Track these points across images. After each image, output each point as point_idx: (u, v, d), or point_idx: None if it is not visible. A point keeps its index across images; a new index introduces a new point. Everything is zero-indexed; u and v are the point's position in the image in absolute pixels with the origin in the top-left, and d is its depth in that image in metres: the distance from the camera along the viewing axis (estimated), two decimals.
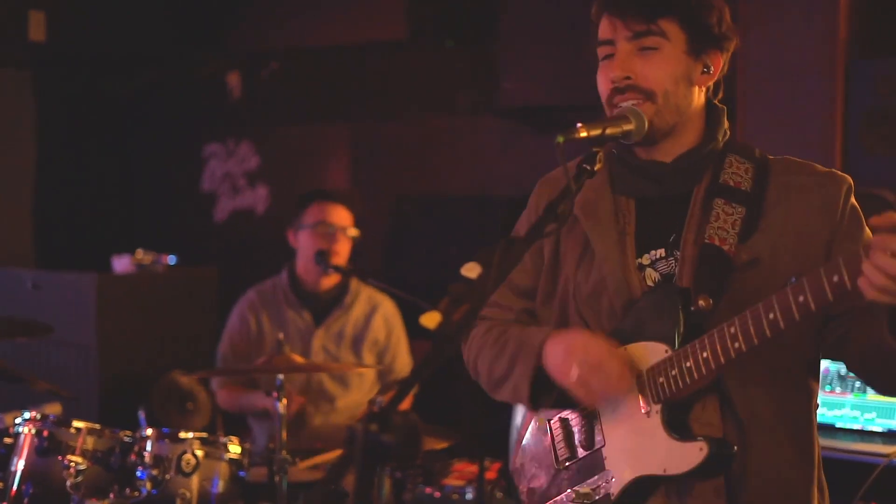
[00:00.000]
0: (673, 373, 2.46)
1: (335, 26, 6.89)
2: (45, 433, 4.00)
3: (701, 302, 2.48)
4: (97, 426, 4.08)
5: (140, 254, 6.39)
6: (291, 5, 7.04)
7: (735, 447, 2.47)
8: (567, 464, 2.71)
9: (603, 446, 2.62)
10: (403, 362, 5.49)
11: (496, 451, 4.96)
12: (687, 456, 2.46)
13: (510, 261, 2.27)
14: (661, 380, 2.49)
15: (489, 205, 6.52)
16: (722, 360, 2.38)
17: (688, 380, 2.44)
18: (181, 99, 7.59)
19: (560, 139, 2.40)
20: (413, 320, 5.31)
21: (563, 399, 2.63)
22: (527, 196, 3.03)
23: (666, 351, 2.50)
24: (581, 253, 2.71)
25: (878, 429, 4.69)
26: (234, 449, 4.13)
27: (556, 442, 2.75)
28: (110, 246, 6.65)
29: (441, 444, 4.84)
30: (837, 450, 4.15)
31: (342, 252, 5.31)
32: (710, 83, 2.67)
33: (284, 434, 4.17)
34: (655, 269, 2.62)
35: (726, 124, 2.71)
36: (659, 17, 2.55)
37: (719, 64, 2.65)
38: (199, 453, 4.04)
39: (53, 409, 4.76)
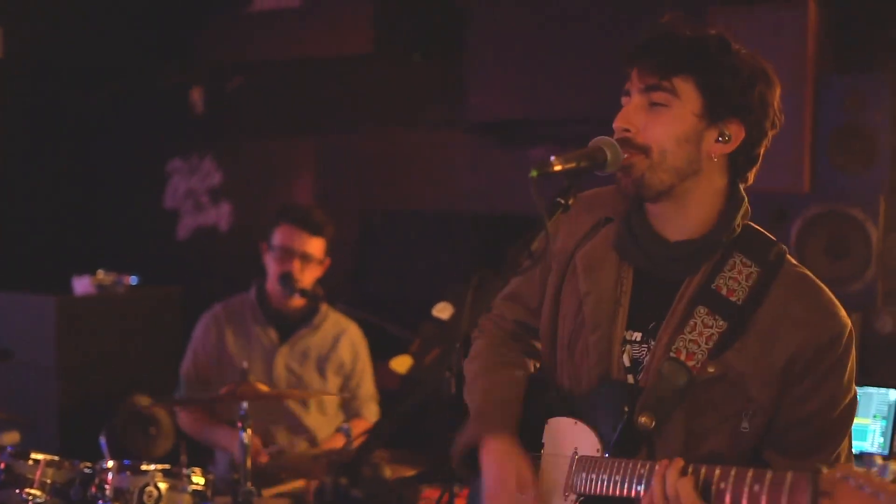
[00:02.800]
0: (593, 475, 2.47)
1: (300, 40, 6.84)
2: (3, 465, 3.94)
3: (643, 419, 2.44)
4: (56, 458, 4.01)
5: (101, 274, 6.30)
6: (255, 18, 6.98)
7: None
8: None
9: None
10: (367, 390, 5.45)
11: (465, 477, 4.91)
12: None
13: (483, 300, 2.20)
14: (583, 474, 2.50)
15: (457, 220, 6.48)
16: (631, 492, 2.37)
17: (608, 491, 2.43)
18: (143, 114, 7.51)
19: (534, 173, 2.34)
20: (381, 343, 5.27)
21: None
22: (495, 211, 3.00)
23: (598, 450, 2.50)
24: (577, 309, 2.66)
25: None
26: (198, 480, 4.05)
27: None
28: (70, 266, 6.56)
29: (410, 471, 4.79)
30: None
31: (306, 279, 5.24)
32: (726, 153, 2.53)
33: (249, 464, 4.11)
34: (632, 350, 2.57)
35: (740, 218, 2.57)
36: (673, 75, 2.46)
37: (740, 135, 2.52)
38: (162, 486, 3.96)
39: (11, 437, 4.69)
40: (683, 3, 5.46)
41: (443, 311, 2.02)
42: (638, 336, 2.56)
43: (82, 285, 6.31)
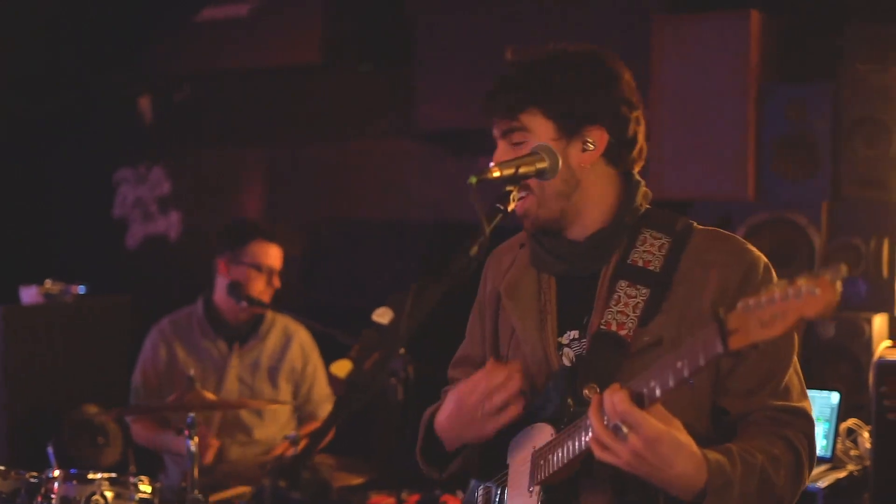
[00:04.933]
0: (549, 456, 2.49)
1: (249, 49, 6.83)
2: None
3: (586, 391, 2.48)
4: (1, 467, 3.98)
5: (48, 283, 6.25)
6: (205, 28, 6.96)
7: None
8: None
9: None
10: (321, 391, 5.43)
11: (413, 484, 4.93)
12: None
13: (422, 306, 2.23)
14: (541, 462, 2.52)
15: (407, 229, 6.50)
16: (581, 446, 2.38)
17: (559, 464, 2.45)
18: (91, 123, 7.47)
19: (473, 180, 2.39)
20: (329, 350, 5.27)
21: (487, 468, 2.69)
22: (445, 219, 3.03)
23: (551, 434, 2.52)
24: (511, 334, 2.72)
25: None
26: (145, 489, 4.04)
27: None
28: (17, 275, 6.50)
29: (357, 479, 4.81)
30: None
31: (272, 292, 5.29)
32: (597, 156, 2.60)
33: (196, 472, 4.10)
34: (572, 349, 2.61)
35: (640, 199, 2.65)
36: (519, 112, 2.58)
37: (603, 136, 2.59)
38: (109, 494, 3.94)
39: None
40: (627, 13, 5.55)
41: (383, 315, 2.04)
42: (576, 334, 2.61)
43: (29, 294, 6.25)
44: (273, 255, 5.30)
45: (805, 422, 2.51)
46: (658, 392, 2.22)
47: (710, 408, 2.53)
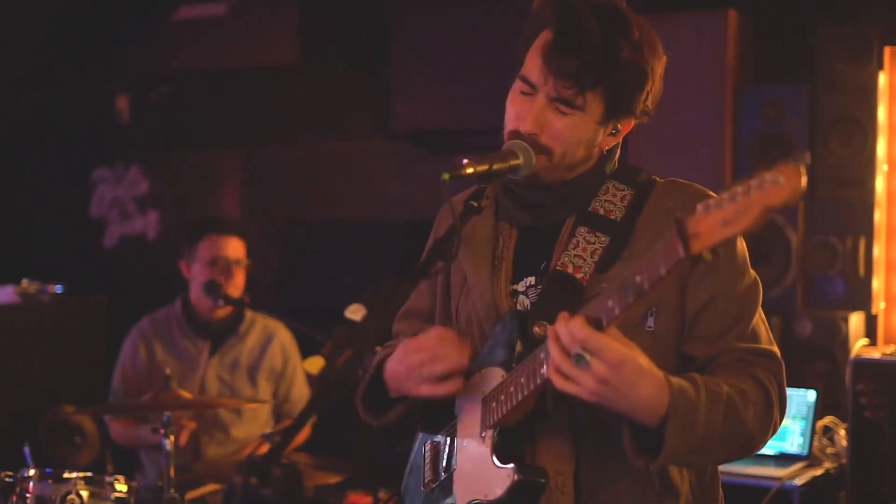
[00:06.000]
0: (502, 397, 2.43)
1: (226, 49, 6.81)
2: None
3: (537, 328, 2.44)
4: None
5: (25, 283, 6.22)
6: (182, 27, 6.94)
7: (544, 478, 2.42)
8: (432, 486, 2.70)
9: (454, 470, 2.60)
10: (300, 391, 5.43)
11: (390, 482, 4.93)
12: (500, 481, 2.43)
13: (396, 302, 2.23)
14: (493, 404, 2.46)
15: (384, 229, 6.50)
16: (537, 380, 2.31)
17: (513, 402, 2.39)
18: (68, 122, 7.45)
19: (446, 176, 2.37)
20: (307, 350, 5.27)
21: (431, 418, 2.64)
22: (422, 219, 3.00)
23: (502, 376, 2.46)
24: (462, 283, 2.68)
25: (771, 451, 4.74)
26: (121, 487, 4.02)
27: (426, 464, 2.74)
28: None
29: (334, 478, 4.80)
30: (730, 473, 4.16)
31: (238, 284, 5.26)
32: (614, 143, 2.61)
33: (172, 471, 4.10)
34: (527, 296, 2.57)
35: (616, 156, 2.66)
36: (587, 90, 2.47)
37: (629, 128, 2.60)
38: (84, 493, 3.93)
39: None
40: None
41: (355, 312, 2.04)
42: (532, 280, 2.57)
43: (6, 294, 6.22)
44: (229, 247, 5.25)
45: (774, 363, 2.46)
46: (617, 310, 2.15)
47: (676, 357, 2.48)
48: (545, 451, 2.46)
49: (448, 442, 2.65)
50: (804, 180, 1.87)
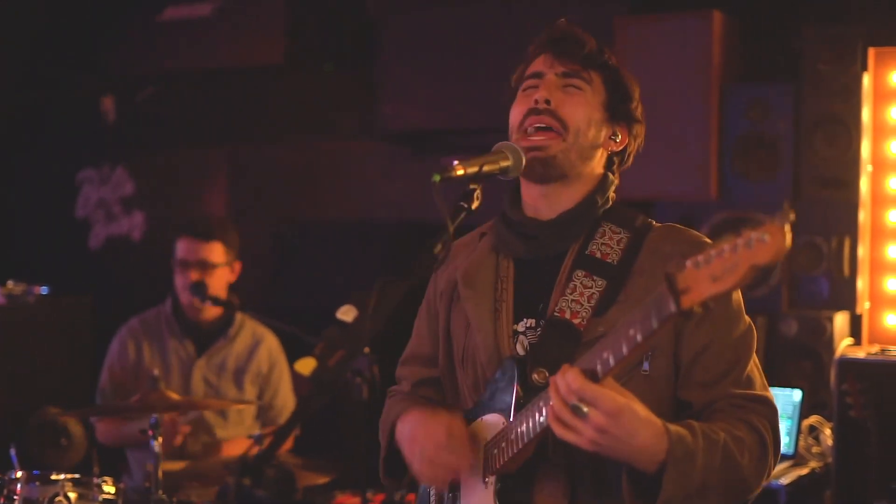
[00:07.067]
0: (503, 444, 2.48)
1: (213, 49, 6.81)
2: None
3: (535, 376, 2.49)
4: None
5: (10, 284, 6.21)
6: (168, 28, 6.93)
7: None
8: None
9: None
10: (284, 398, 5.42)
11: (379, 484, 4.93)
12: None
13: (386, 304, 2.23)
14: (495, 451, 2.51)
15: (370, 229, 6.51)
16: (537, 429, 2.37)
17: (514, 449, 2.44)
18: (54, 123, 7.42)
19: (436, 178, 2.39)
20: (295, 350, 5.27)
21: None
22: (409, 219, 3.02)
23: (502, 423, 2.51)
24: (466, 326, 2.71)
25: None
26: (109, 489, 4.02)
27: None
28: None
29: (322, 479, 4.79)
30: None
31: (214, 285, 5.22)
32: (613, 150, 2.71)
33: (160, 473, 4.10)
34: (527, 338, 2.61)
35: (611, 193, 2.71)
36: (590, 68, 2.65)
37: (625, 139, 2.71)
38: (72, 495, 3.92)
39: None
40: (590, 13, 5.57)
41: (347, 313, 2.04)
42: (532, 322, 2.61)
43: None
44: (201, 251, 5.23)
45: (768, 409, 2.51)
46: (612, 362, 2.20)
47: (671, 402, 2.53)
48: (540, 492, 2.51)
49: (451, 488, 2.69)
50: (789, 238, 1.92)
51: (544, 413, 2.32)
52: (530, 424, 2.38)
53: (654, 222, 2.68)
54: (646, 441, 2.28)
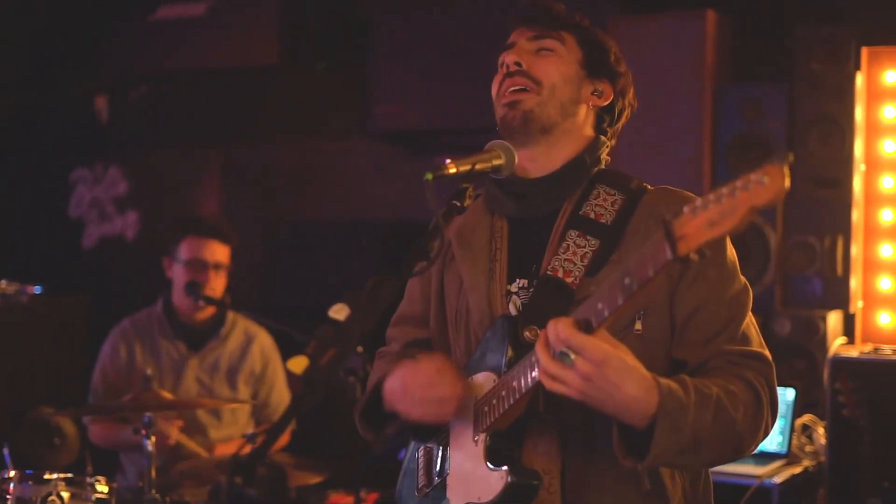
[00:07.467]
0: (494, 401, 2.47)
1: (206, 49, 6.80)
2: None
3: (527, 333, 2.48)
4: None
5: (3, 284, 6.16)
6: (161, 28, 6.93)
7: (538, 480, 2.45)
8: (426, 490, 2.72)
9: (448, 475, 2.63)
10: (280, 396, 5.41)
11: (372, 482, 4.94)
12: (494, 483, 2.46)
13: (378, 302, 2.23)
14: (485, 409, 2.50)
15: (364, 228, 6.51)
16: (528, 384, 2.35)
17: (504, 406, 2.43)
18: (47, 122, 7.42)
19: (429, 176, 2.40)
20: (288, 351, 5.26)
21: (426, 428, 2.66)
22: (402, 219, 3.02)
23: (493, 381, 2.50)
24: (459, 286, 2.71)
25: None
26: (102, 489, 4.02)
27: (419, 469, 2.77)
28: None
29: (316, 479, 4.79)
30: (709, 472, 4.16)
31: (217, 287, 5.23)
32: (599, 106, 2.71)
33: (153, 472, 4.09)
34: (520, 298, 2.60)
35: (604, 154, 2.71)
36: (561, 28, 2.67)
37: (609, 94, 2.71)
38: (65, 495, 3.92)
39: None
40: (584, 11, 5.56)
41: (339, 312, 2.05)
42: (524, 283, 2.61)
43: None
44: (210, 250, 5.22)
45: (765, 365, 2.48)
46: (606, 312, 2.18)
47: (666, 362, 2.51)
48: (532, 449, 2.49)
49: (441, 447, 2.68)
50: (788, 180, 1.90)
51: (535, 369, 2.31)
52: (521, 381, 2.37)
53: (648, 186, 2.67)
54: (635, 392, 2.25)
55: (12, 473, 3.94)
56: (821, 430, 4.80)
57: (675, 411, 2.28)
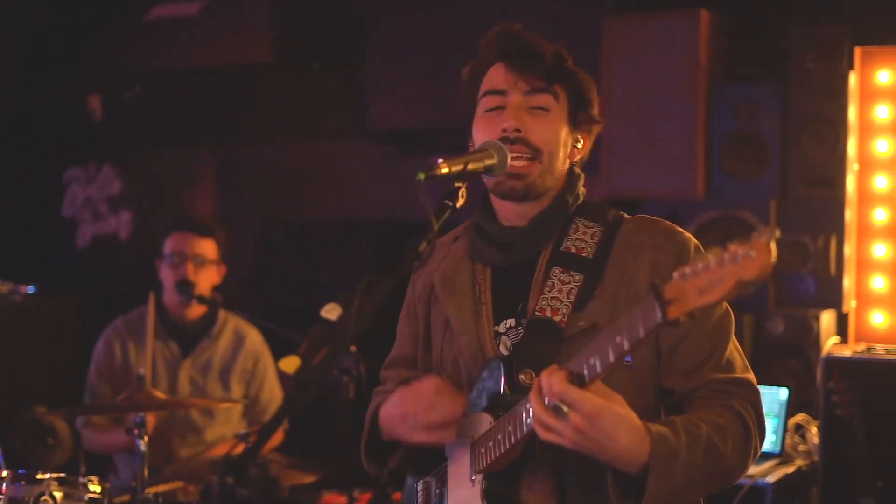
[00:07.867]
0: (490, 443, 2.50)
1: (200, 48, 6.79)
2: None
3: (522, 377, 2.51)
4: None
5: None
6: (153, 27, 6.92)
7: None
8: None
9: None
10: (270, 393, 5.41)
11: (365, 482, 4.93)
12: None
13: (371, 302, 2.23)
14: (482, 450, 2.53)
15: (359, 228, 6.50)
16: (524, 429, 2.38)
17: (501, 449, 2.46)
18: (40, 122, 7.41)
19: (421, 176, 2.40)
20: (281, 350, 5.25)
21: (423, 461, 2.70)
22: (397, 219, 3.02)
23: (490, 422, 2.53)
24: (444, 327, 2.73)
25: None
26: (94, 488, 4.00)
27: None
28: None
29: (309, 478, 4.79)
30: None
31: (202, 283, 5.22)
32: (577, 158, 2.71)
33: (146, 472, 4.09)
34: (509, 338, 2.62)
35: (581, 189, 2.72)
36: (556, 82, 2.63)
37: (587, 143, 2.73)
38: (58, 495, 3.89)
39: None
40: (578, 13, 5.58)
41: (331, 311, 2.04)
42: (512, 322, 2.63)
43: None
44: (193, 245, 5.24)
45: (750, 391, 2.53)
46: (598, 368, 2.22)
47: (654, 389, 2.55)
48: (528, 490, 2.52)
49: (438, 484, 2.71)
50: (774, 255, 1.93)
51: (531, 414, 2.34)
52: (517, 426, 2.40)
53: (625, 215, 2.70)
54: (628, 443, 2.30)
55: (5, 473, 3.92)
56: (814, 430, 4.80)
57: (666, 457, 2.33)
